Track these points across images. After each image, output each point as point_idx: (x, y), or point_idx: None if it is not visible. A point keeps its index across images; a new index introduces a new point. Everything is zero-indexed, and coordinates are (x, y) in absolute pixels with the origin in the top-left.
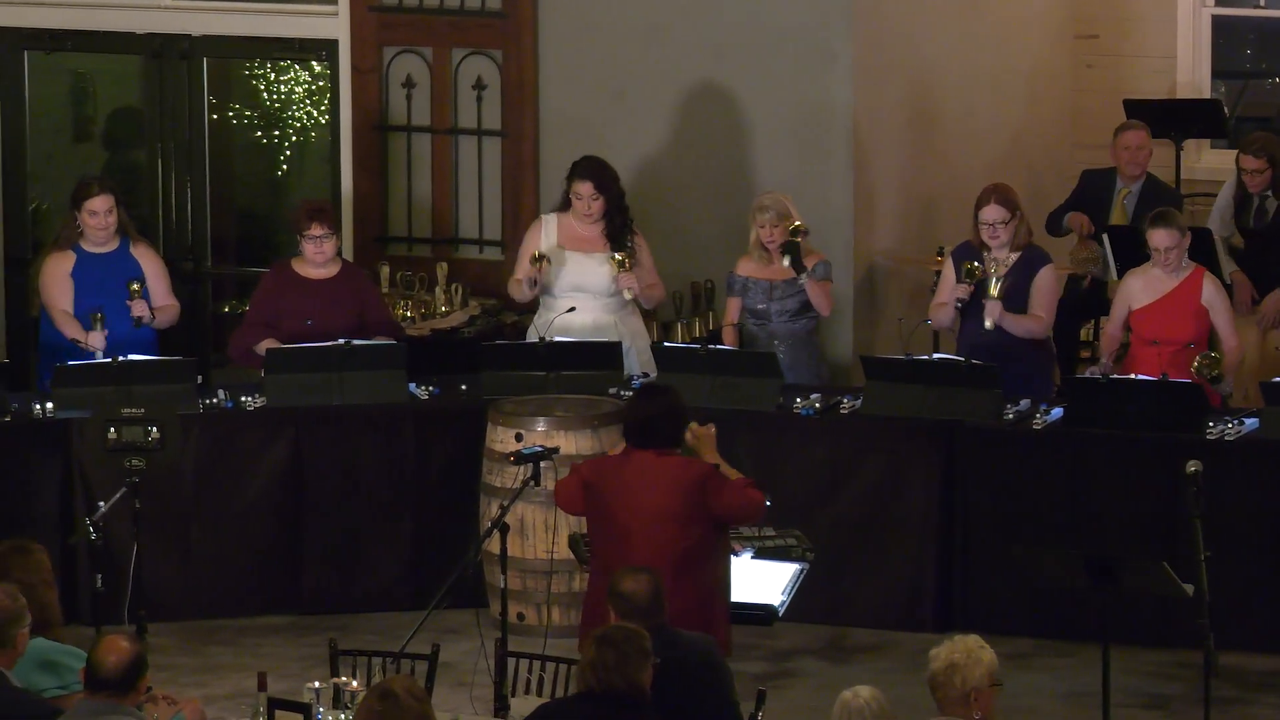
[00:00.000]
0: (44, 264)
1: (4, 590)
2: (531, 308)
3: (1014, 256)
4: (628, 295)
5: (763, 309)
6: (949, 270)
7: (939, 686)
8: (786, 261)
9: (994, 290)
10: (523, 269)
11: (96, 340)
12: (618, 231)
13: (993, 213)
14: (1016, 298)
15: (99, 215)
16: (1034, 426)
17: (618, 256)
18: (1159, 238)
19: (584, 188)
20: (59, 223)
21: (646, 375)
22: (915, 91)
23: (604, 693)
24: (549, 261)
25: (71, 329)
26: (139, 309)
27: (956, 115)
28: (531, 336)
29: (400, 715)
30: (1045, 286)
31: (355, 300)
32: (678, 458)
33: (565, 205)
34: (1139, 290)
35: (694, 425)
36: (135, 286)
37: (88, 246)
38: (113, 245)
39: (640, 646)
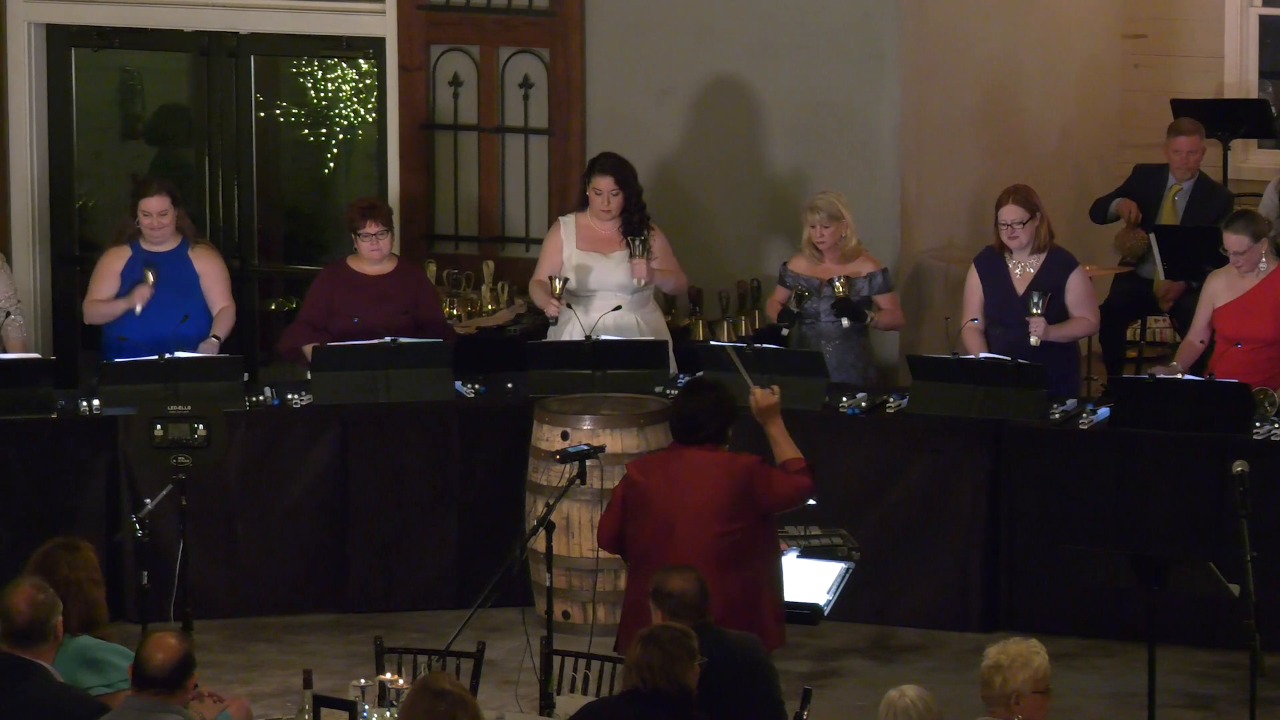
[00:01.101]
0: (103, 255)
1: (34, 584)
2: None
3: (1038, 259)
4: (639, 282)
5: (812, 308)
6: (974, 281)
7: (983, 685)
8: (845, 323)
9: (1036, 311)
10: (545, 267)
11: (142, 293)
12: (634, 229)
13: (1011, 213)
14: (1052, 304)
15: (152, 216)
16: (1080, 426)
17: (637, 242)
18: (1229, 241)
19: (604, 183)
20: (118, 220)
21: (700, 375)
22: (963, 90)
23: (650, 692)
24: (566, 281)
25: (106, 308)
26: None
27: (1004, 115)
28: (553, 338)
29: (454, 712)
30: (1081, 288)
31: (409, 298)
32: (724, 453)
33: (582, 205)
34: (1222, 290)
35: (756, 390)
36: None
37: (145, 245)
38: (170, 245)
39: (687, 647)
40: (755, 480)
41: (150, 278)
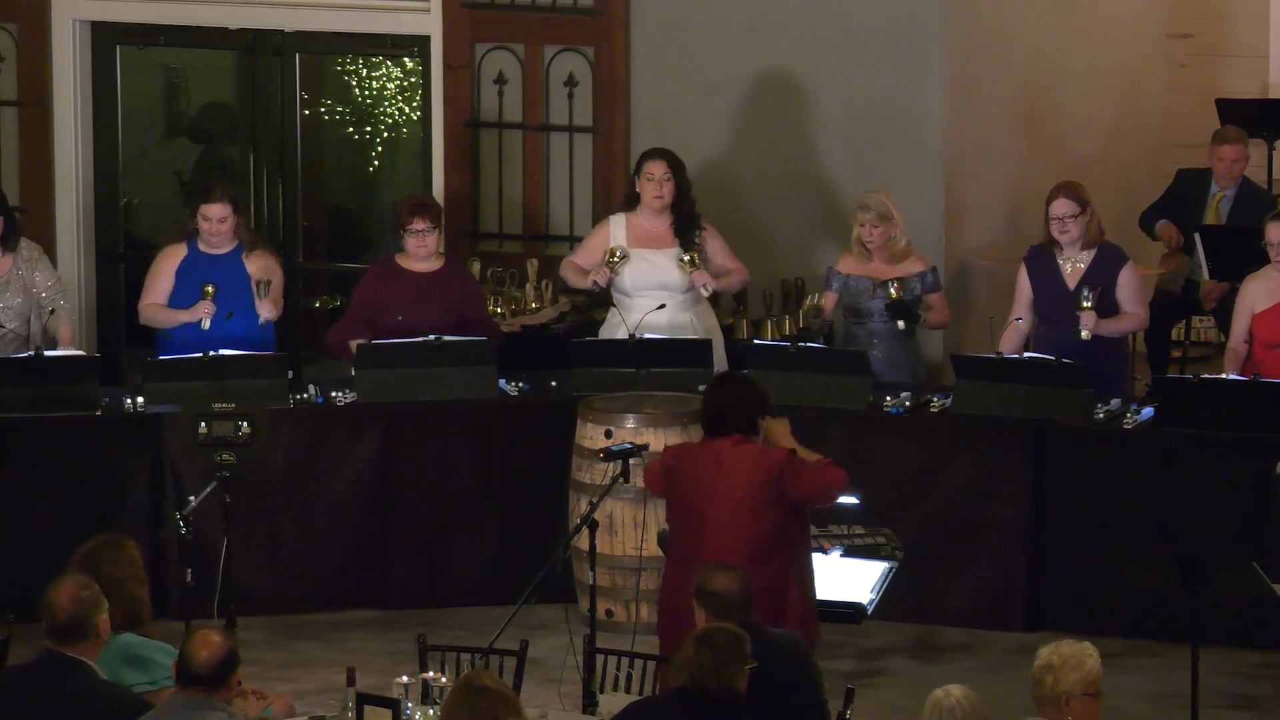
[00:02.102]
0: (160, 252)
1: (78, 581)
2: (599, 301)
3: (1088, 254)
4: (705, 292)
5: (862, 308)
6: (1023, 280)
7: (1034, 685)
8: (901, 324)
9: (1086, 305)
10: (586, 258)
11: (205, 308)
12: (685, 224)
13: (1062, 206)
14: (1102, 300)
15: (211, 222)
16: (1124, 426)
17: (685, 258)
18: (1271, 232)
19: (657, 167)
20: (181, 218)
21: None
22: (1009, 91)
23: (698, 693)
24: (625, 257)
25: (164, 315)
26: (266, 310)
27: (1050, 114)
28: (604, 336)
29: (496, 709)
30: (1131, 283)
31: (455, 296)
32: (755, 445)
33: (630, 204)
34: (1261, 295)
35: (767, 419)
36: (262, 282)
37: (202, 245)
38: (226, 249)
39: (740, 651)
40: (786, 473)
41: (210, 291)
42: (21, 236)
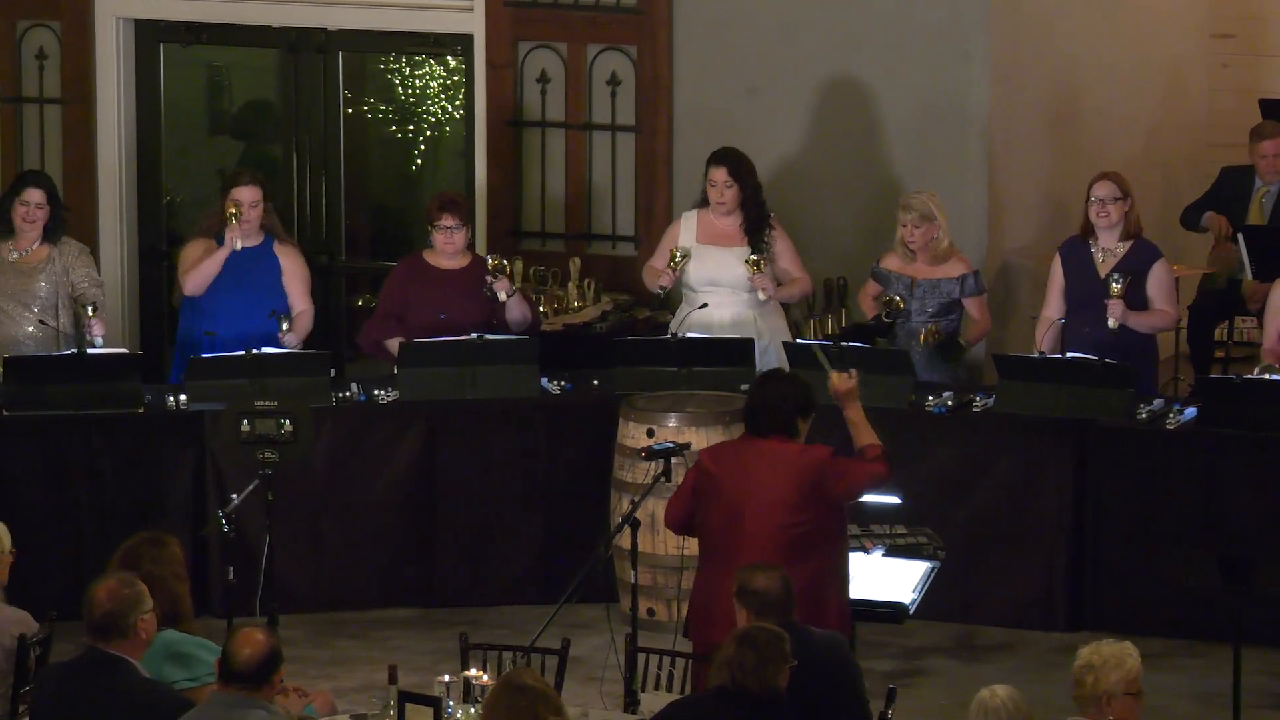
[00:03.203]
0: (184, 250)
1: (121, 578)
2: (664, 302)
3: (1123, 246)
4: (762, 297)
5: (904, 307)
6: (1056, 269)
7: (1075, 684)
8: (950, 363)
9: (1115, 290)
10: (661, 259)
11: (290, 340)
12: (754, 224)
13: (1105, 188)
14: (1133, 291)
15: (243, 207)
16: (1167, 426)
17: (752, 258)
18: None
19: (718, 174)
20: (204, 213)
21: (776, 368)
22: (1051, 89)
23: (738, 693)
24: (686, 257)
25: (207, 268)
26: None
27: (1093, 113)
28: (675, 329)
29: (536, 707)
30: (1163, 279)
31: (482, 292)
32: (795, 444)
33: (704, 201)
34: None
35: (834, 375)
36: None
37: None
38: (255, 240)
39: (781, 650)
40: (826, 472)
41: (234, 223)
42: (66, 235)
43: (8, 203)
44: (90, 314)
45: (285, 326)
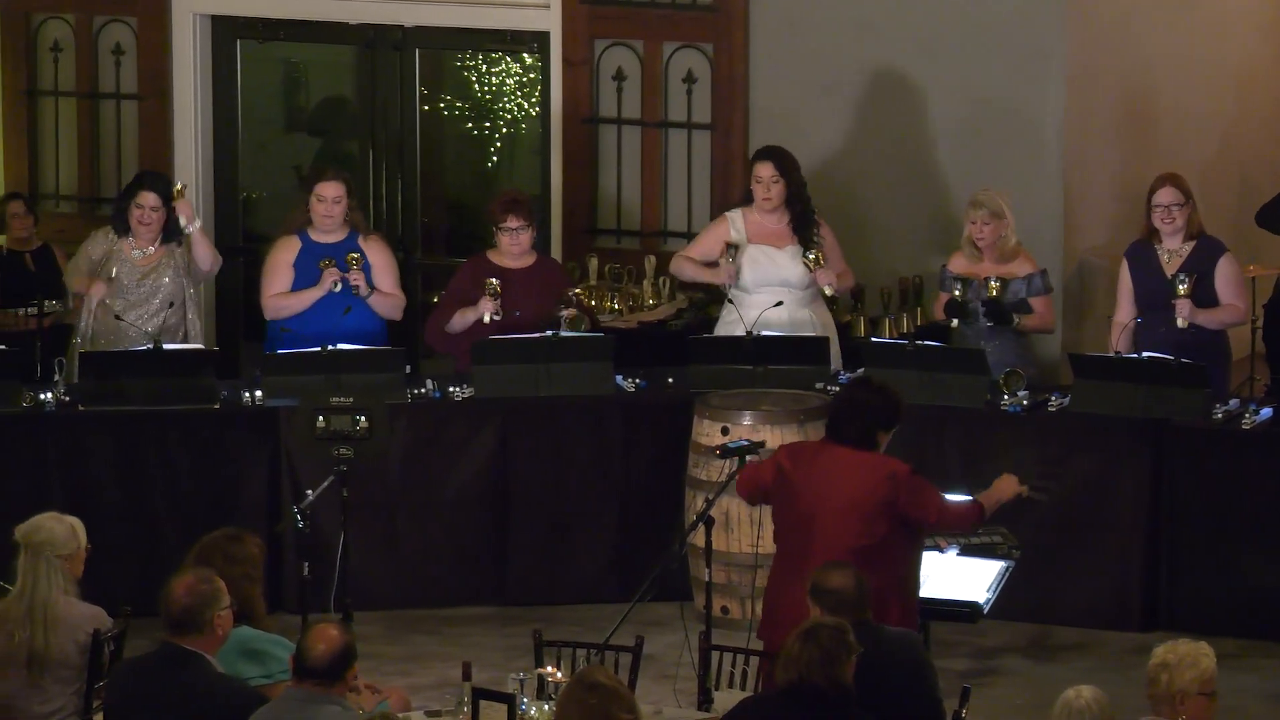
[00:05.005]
0: (272, 246)
1: (199, 574)
2: (717, 298)
3: (1188, 246)
4: (828, 291)
5: (973, 307)
6: (1124, 273)
7: (1149, 683)
8: (986, 324)
9: (1182, 290)
10: (699, 251)
11: (330, 275)
12: (801, 221)
13: (1168, 194)
14: (1200, 288)
15: (325, 202)
16: (1243, 426)
17: (811, 255)
18: None
19: (764, 169)
20: (289, 212)
21: (858, 371)
22: (1126, 88)
23: (809, 689)
24: (740, 249)
25: (294, 301)
26: (355, 277)
27: (1168, 112)
28: (720, 333)
29: (609, 705)
30: (1229, 275)
31: (548, 292)
32: (874, 454)
33: (747, 199)
34: None
35: (1004, 476)
36: (354, 256)
37: (315, 235)
38: (340, 235)
39: (845, 642)
40: (900, 488)
41: (328, 263)
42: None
43: (124, 203)
44: (178, 193)
45: (354, 258)
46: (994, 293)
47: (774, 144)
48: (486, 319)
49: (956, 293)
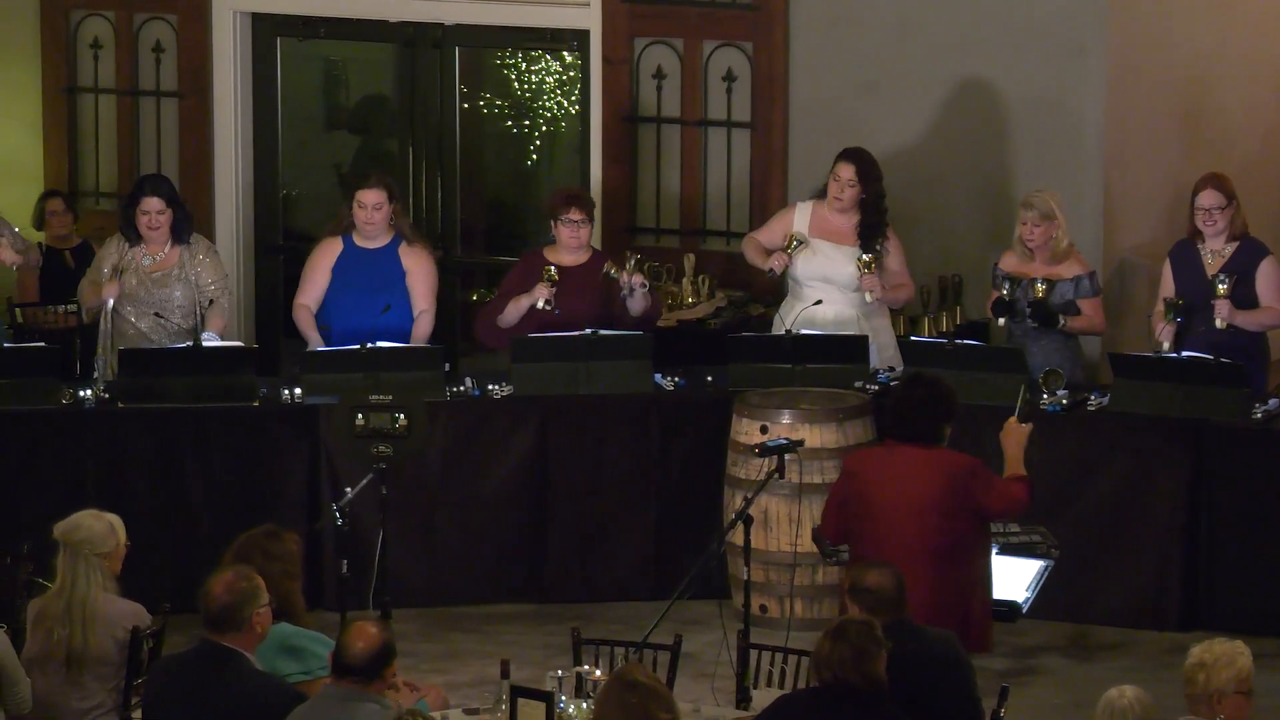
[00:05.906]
0: (316, 247)
1: (238, 571)
2: (776, 298)
3: (1231, 247)
4: (869, 298)
5: (1021, 306)
6: (1167, 273)
7: (1186, 683)
8: (1032, 324)
9: (1221, 290)
10: (767, 236)
11: (542, 291)
12: (871, 228)
13: (1210, 198)
14: (1241, 289)
15: (366, 209)
16: None
17: (864, 258)
18: None
19: (845, 170)
20: (336, 211)
21: (891, 369)
22: (1169, 86)
23: (842, 687)
24: (804, 244)
25: (313, 335)
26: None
27: (1209, 112)
28: (778, 325)
29: (648, 704)
30: (1273, 277)
31: (602, 288)
32: (943, 450)
33: (822, 194)
34: None
35: (1011, 421)
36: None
37: (357, 239)
38: (382, 241)
39: (873, 637)
40: (975, 481)
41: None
42: (195, 233)
43: (130, 211)
44: (206, 306)
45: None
46: (1040, 294)
47: (861, 147)
48: (540, 304)
49: (1005, 291)
